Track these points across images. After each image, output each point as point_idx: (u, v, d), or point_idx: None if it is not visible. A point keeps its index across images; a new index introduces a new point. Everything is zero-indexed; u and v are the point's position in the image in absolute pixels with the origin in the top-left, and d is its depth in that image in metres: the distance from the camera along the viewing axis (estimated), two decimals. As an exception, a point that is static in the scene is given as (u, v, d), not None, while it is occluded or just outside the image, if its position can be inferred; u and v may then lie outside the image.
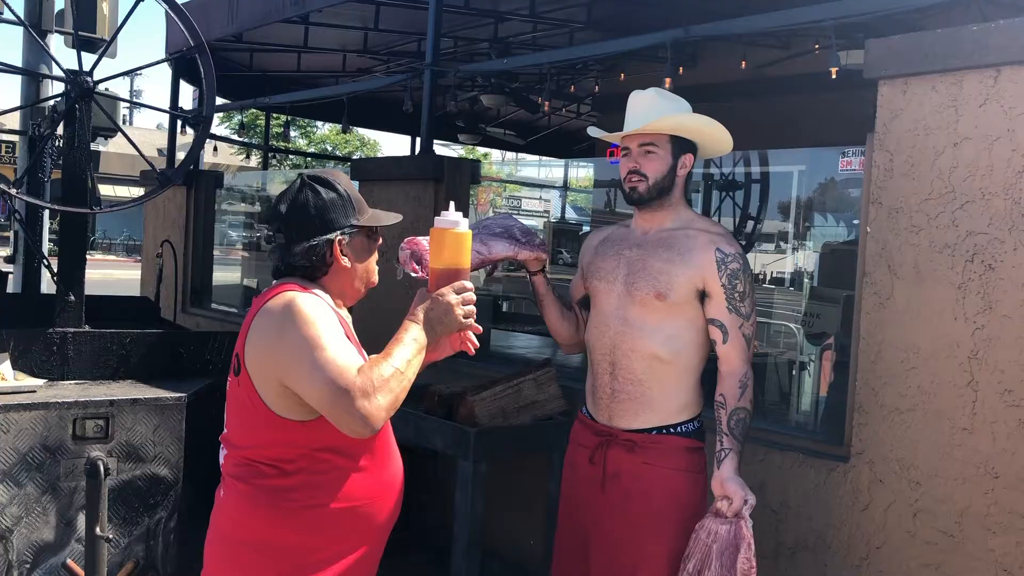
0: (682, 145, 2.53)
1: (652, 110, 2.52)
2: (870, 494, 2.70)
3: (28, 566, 3.19)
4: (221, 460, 2.04)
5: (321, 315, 1.90)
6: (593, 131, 2.69)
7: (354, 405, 1.78)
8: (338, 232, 2.00)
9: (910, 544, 2.60)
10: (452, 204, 2.07)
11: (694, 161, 2.57)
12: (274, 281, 2.05)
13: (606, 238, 2.69)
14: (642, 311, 2.50)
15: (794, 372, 4.93)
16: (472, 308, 2.02)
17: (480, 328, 2.05)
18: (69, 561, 2.99)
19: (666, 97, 2.57)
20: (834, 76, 4.27)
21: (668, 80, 4.03)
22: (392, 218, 2.12)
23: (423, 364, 1.99)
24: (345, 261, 2.01)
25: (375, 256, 2.12)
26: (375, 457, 2.01)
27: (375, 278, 2.12)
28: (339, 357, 1.83)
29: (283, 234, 2.00)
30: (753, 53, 6.51)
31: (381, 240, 2.12)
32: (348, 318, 2.09)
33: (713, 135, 2.55)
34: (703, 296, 2.47)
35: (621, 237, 2.64)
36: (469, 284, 2.03)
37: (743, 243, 6.67)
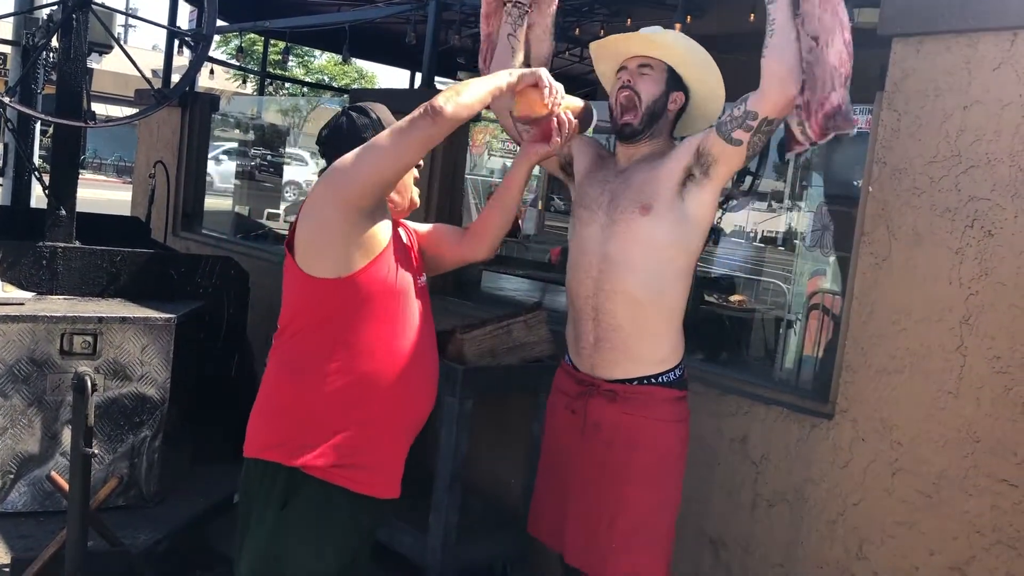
0: (677, 83, 2.51)
1: (662, 32, 2.51)
2: (851, 452, 2.73)
3: (12, 476, 3.21)
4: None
5: None
6: (595, 45, 2.63)
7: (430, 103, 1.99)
8: None
9: (886, 502, 2.64)
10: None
11: (684, 102, 2.53)
12: None
13: (600, 156, 2.66)
14: (623, 244, 2.44)
15: (781, 330, 4.95)
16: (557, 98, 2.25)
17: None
18: (53, 473, 3.00)
19: (682, 36, 2.53)
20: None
21: (677, 26, 3.98)
22: None
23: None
24: None
25: (413, 175, 2.28)
26: (404, 324, 2.16)
27: (416, 198, 2.31)
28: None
29: (324, 156, 2.21)
30: (763, 6, 6.41)
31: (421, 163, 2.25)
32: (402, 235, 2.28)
33: (708, 81, 2.51)
34: (688, 175, 2.41)
35: (608, 166, 2.61)
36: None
37: (740, 200, 6.65)
